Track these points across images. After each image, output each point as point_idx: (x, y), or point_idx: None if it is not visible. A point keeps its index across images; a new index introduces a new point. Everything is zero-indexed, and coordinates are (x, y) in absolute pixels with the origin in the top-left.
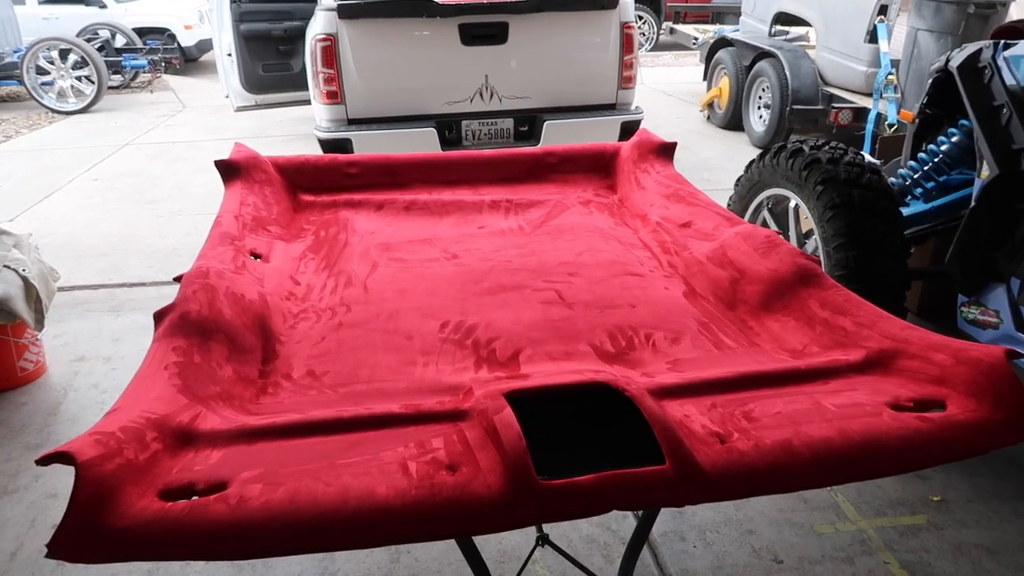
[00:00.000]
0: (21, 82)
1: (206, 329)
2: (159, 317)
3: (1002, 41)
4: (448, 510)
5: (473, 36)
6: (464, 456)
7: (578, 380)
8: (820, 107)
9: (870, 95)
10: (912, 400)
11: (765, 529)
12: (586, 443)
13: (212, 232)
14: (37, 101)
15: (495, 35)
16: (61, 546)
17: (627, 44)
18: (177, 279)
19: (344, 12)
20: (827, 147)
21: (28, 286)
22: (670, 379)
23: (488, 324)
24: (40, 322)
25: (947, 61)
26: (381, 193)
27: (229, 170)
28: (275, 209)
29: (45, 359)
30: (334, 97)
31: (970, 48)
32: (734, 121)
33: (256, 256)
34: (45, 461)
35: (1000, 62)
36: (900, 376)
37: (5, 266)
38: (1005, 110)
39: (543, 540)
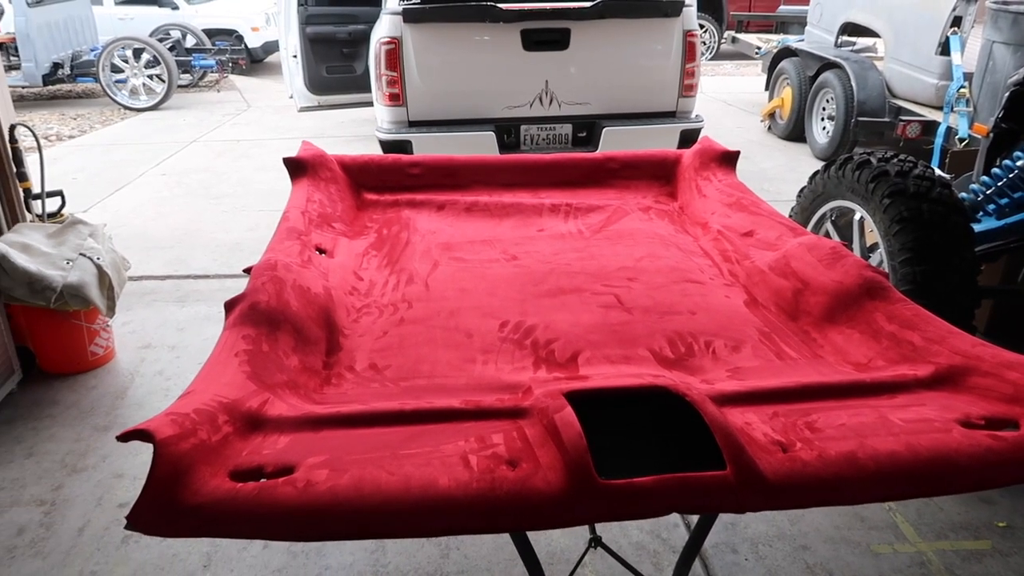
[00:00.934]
0: (97, 79)
1: (274, 319)
2: (230, 306)
3: None
4: (508, 504)
5: (535, 42)
6: (524, 452)
7: (638, 384)
8: (887, 119)
9: (940, 108)
10: (983, 418)
11: (820, 546)
12: (645, 447)
13: (280, 227)
14: (111, 98)
15: (557, 41)
16: (139, 519)
17: (689, 52)
18: (247, 271)
19: (409, 16)
20: (895, 160)
21: (101, 274)
22: (731, 387)
23: (547, 325)
24: (111, 309)
25: None
26: (442, 194)
27: (297, 167)
28: (340, 206)
29: (114, 345)
30: (396, 99)
31: None
32: (796, 132)
33: (321, 251)
34: (125, 438)
35: None
36: (971, 393)
37: (81, 254)
38: None
39: (595, 542)
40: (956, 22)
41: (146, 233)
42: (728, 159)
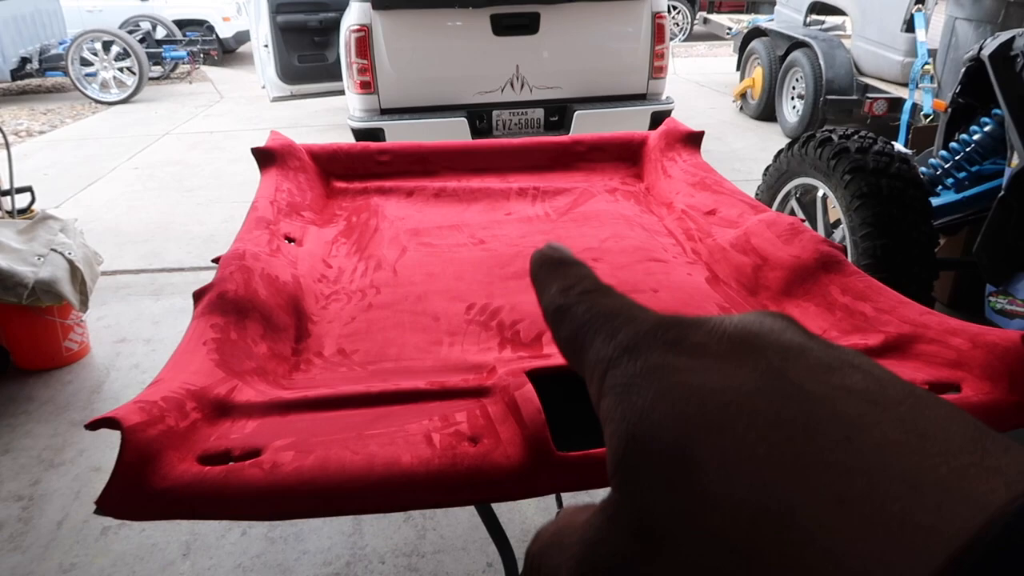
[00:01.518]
0: (66, 73)
1: (242, 308)
2: (198, 296)
3: None
4: (469, 478)
5: (505, 26)
6: (486, 429)
7: None
8: (855, 97)
9: (906, 85)
10: (927, 383)
11: None
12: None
13: (248, 216)
14: (81, 92)
15: (527, 25)
16: (108, 504)
17: (658, 34)
18: (215, 260)
19: (379, 3)
20: (856, 136)
21: (74, 269)
22: None
23: (513, 307)
24: (84, 304)
25: (980, 49)
26: (411, 180)
27: (265, 157)
28: (309, 195)
29: (89, 340)
30: (367, 87)
31: (1003, 36)
32: (767, 112)
33: (290, 240)
34: (94, 426)
35: None
36: (917, 360)
37: (52, 249)
38: None
39: None
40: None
41: (119, 227)
42: (693, 140)
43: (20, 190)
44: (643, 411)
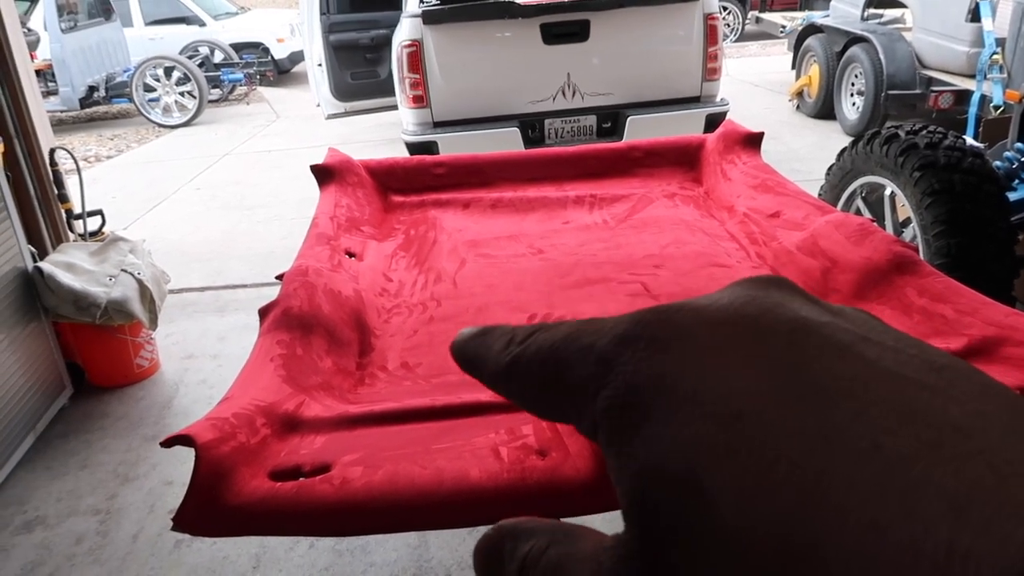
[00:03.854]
0: (131, 99)
1: (307, 324)
2: (263, 313)
3: None
4: (538, 493)
5: (555, 35)
6: (554, 442)
7: None
8: (918, 91)
9: (972, 76)
10: (1019, 388)
11: None
12: None
13: (309, 233)
14: (145, 116)
15: (577, 33)
16: (184, 521)
17: (711, 35)
18: (279, 277)
19: (429, 18)
20: (925, 132)
21: (143, 288)
22: None
23: (574, 316)
24: (154, 322)
25: None
26: (468, 192)
27: (324, 174)
28: (367, 210)
29: (159, 357)
30: (420, 101)
31: None
32: (825, 110)
33: (351, 255)
34: (168, 443)
35: None
36: (1004, 364)
37: (123, 270)
38: None
39: None
40: None
41: (184, 247)
42: (752, 141)
43: (91, 213)
44: (647, 437)
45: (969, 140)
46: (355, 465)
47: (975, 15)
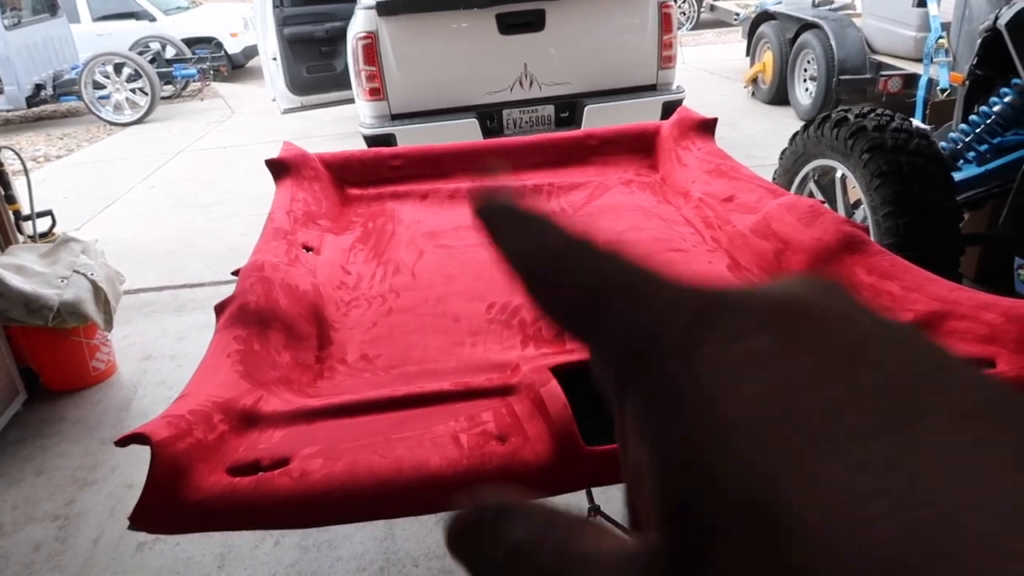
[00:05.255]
0: (80, 97)
1: (264, 318)
2: (220, 309)
3: None
4: (498, 478)
5: (510, 25)
6: (513, 427)
7: None
8: (868, 76)
9: (920, 61)
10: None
11: None
12: None
13: (266, 228)
14: (95, 115)
15: (532, 23)
16: (141, 519)
17: (665, 24)
18: (235, 273)
19: (383, 9)
20: (873, 114)
21: (97, 289)
22: None
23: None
24: (109, 323)
25: (996, 19)
26: (425, 183)
27: (279, 168)
28: (324, 204)
29: (115, 358)
30: (376, 94)
31: (1019, 4)
32: (779, 96)
33: (308, 249)
34: (124, 442)
35: None
36: (949, 337)
37: (75, 271)
38: None
39: (594, 511)
40: None
41: (140, 246)
42: (706, 127)
43: (40, 214)
44: (705, 438)
45: (916, 123)
46: (315, 457)
47: (921, 1)
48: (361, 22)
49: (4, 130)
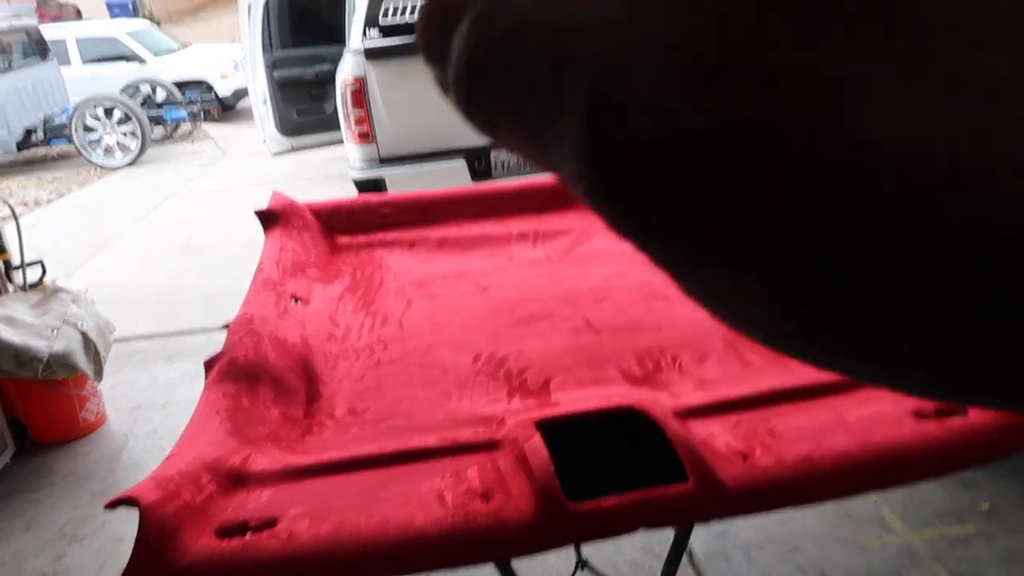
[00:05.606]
0: (70, 141)
1: (253, 373)
2: (209, 364)
3: None
4: (483, 537)
5: None
6: (497, 484)
7: (606, 405)
8: None
9: None
10: (934, 408)
11: (809, 546)
12: (619, 466)
13: (255, 279)
14: (86, 158)
15: None
16: None
17: None
18: (225, 326)
19: (371, 54)
20: None
21: (87, 340)
22: (695, 399)
23: (519, 354)
24: (99, 373)
25: None
26: (413, 231)
27: (268, 218)
28: (313, 253)
29: (105, 409)
30: (366, 137)
31: None
32: None
33: (297, 299)
34: (112, 506)
35: None
36: None
37: (65, 321)
38: None
39: (582, 565)
40: None
41: (130, 293)
42: None
43: (31, 264)
44: None
45: None
46: (302, 518)
47: None
48: (350, 67)
49: None
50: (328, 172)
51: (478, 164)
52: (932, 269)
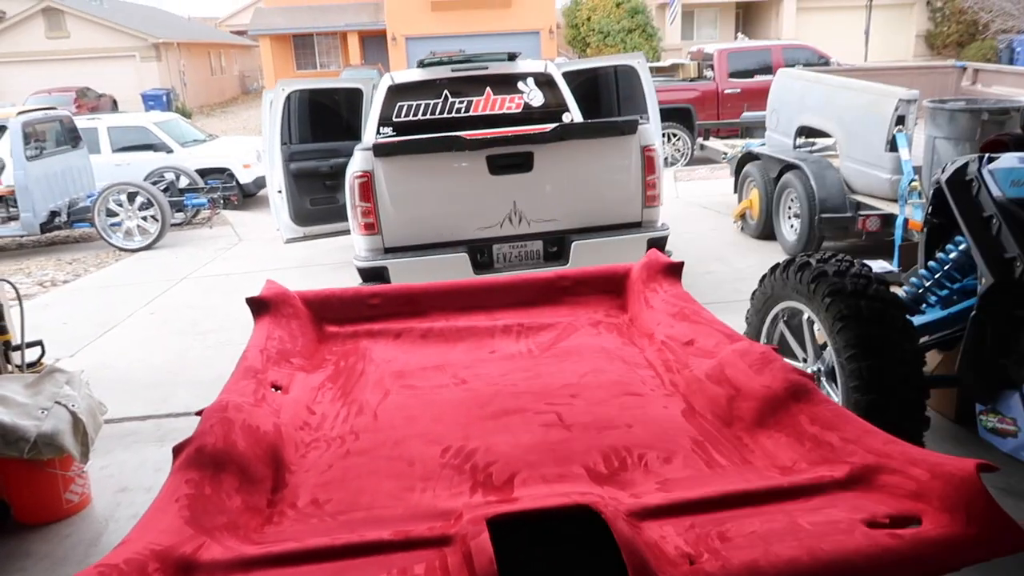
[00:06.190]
0: (92, 224)
1: (219, 461)
2: (177, 451)
3: (987, 155)
4: None
5: (500, 166)
6: None
7: (560, 503)
8: (849, 215)
9: (896, 201)
10: (889, 516)
11: None
12: (570, 565)
13: (238, 366)
14: (106, 241)
15: (521, 164)
16: None
17: (648, 165)
18: (199, 413)
19: (379, 151)
20: (834, 260)
21: (76, 421)
22: (654, 500)
23: (488, 448)
24: (85, 455)
25: (941, 173)
26: (401, 322)
27: (259, 306)
28: (300, 341)
29: (90, 490)
30: (371, 228)
31: (960, 161)
32: (767, 231)
33: (277, 388)
34: None
35: (986, 175)
36: (880, 492)
37: (56, 402)
38: (994, 221)
39: None
40: (900, 120)
41: (131, 374)
42: (673, 270)
43: (31, 344)
44: None
45: (886, 265)
46: None
47: (893, 145)
48: (358, 162)
49: (17, 255)
50: (339, 259)
51: (480, 256)
52: None
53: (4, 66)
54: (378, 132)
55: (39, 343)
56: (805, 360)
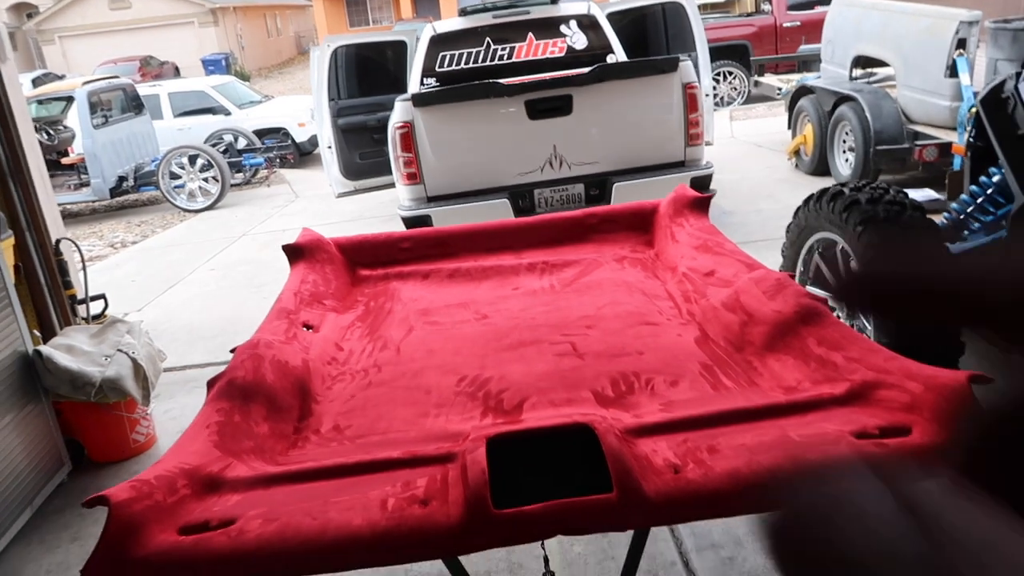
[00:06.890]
0: (158, 187)
1: (248, 392)
2: (211, 384)
3: (1023, 71)
4: (410, 539)
5: (539, 110)
6: (439, 492)
7: (559, 423)
8: (905, 145)
9: (955, 129)
10: (879, 428)
11: None
12: (568, 478)
13: (272, 308)
14: (170, 203)
15: (560, 107)
16: (91, 571)
17: (691, 103)
18: (233, 350)
19: (419, 101)
20: (867, 188)
21: (137, 367)
22: (652, 418)
23: (502, 377)
24: (147, 398)
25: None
26: (429, 264)
27: (294, 252)
28: (333, 284)
29: (155, 431)
30: (413, 178)
31: (997, 80)
32: (821, 167)
33: (308, 327)
34: (89, 504)
35: (1023, 91)
36: (876, 406)
37: (119, 350)
38: None
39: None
40: (961, 44)
41: (192, 325)
42: (700, 204)
43: (94, 298)
44: None
45: (918, 193)
46: (256, 519)
47: (953, 71)
48: (399, 113)
49: (90, 219)
50: (390, 212)
51: (522, 201)
52: None
53: (72, 39)
54: (421, 83)
55: (102, 296)
56: None
